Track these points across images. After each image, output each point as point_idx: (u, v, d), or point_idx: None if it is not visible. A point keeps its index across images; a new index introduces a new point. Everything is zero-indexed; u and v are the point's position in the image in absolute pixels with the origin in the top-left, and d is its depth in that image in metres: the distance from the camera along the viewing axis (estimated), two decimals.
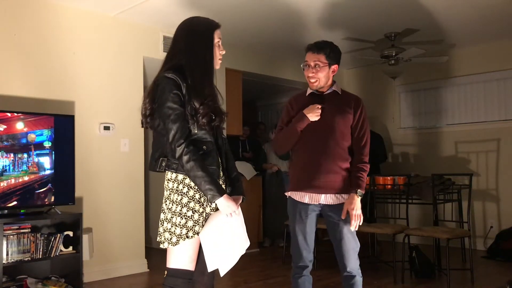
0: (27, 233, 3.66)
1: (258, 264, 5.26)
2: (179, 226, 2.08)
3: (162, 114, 2.04)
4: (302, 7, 4.55)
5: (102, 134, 4.62)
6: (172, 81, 2.04)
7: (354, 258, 2.68)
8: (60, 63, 4.37)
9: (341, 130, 2.69)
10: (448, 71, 6.29)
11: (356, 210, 2.60)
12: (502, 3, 4.50)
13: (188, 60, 2.11)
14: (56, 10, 4.35)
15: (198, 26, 2.16)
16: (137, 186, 4.90)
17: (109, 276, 4.57)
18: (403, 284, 4.30)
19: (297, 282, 2.75)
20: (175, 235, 2.08)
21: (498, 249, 5.39)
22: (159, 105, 2.06)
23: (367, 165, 2.72)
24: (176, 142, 2.00)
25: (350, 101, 2.75)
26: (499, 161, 5.90)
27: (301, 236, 2.72)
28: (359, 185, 2.64)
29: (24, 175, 3.79)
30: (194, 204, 2.09)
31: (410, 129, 6.72)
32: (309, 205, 2.70)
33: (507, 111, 5.85)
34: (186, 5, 4.44)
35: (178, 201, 2.10)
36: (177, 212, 2.09)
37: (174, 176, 2.12)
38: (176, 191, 2.11)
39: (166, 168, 2.13)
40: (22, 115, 3.80)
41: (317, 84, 2.71)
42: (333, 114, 2.69)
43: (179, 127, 2.00)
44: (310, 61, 2.69)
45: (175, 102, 2.02)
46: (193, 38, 2.13)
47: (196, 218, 2.09)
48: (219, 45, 2.17)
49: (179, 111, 2.02)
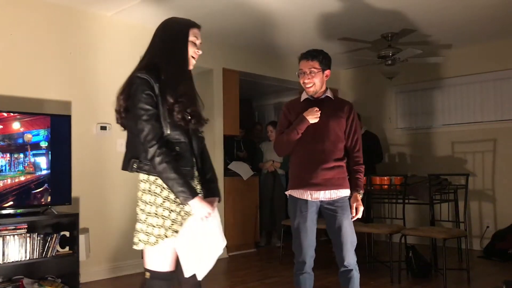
0: (23, 234, 3.65)
1: (255, 264, 5.26)
2: (157, 226, 2.06)
3: (134, 115, 2.02)
4: (299, 7, 4.55)
5: (99, 134, 4.62)
6: (144, 81, 2.02)
7: (352, 252, 2.81)
8: (56, 63, 4.36)
9: (335, 132, 2.88)
10: (444, 72, 6.31)
11: (361, 206, 2.86)
12: (498, 3, 4.52)
13: (162, 58, 2.10)
14: (52, 10, 4.34)
15: (173, 25, 2.18)
16: (134, 186, 4.84)
17: (105, 276, 4.57)
18: (400, 284, 4.31)
19: (298, 279, 2.86)
20: (154, 235, 2.06)
21: (494, 249, 5.41)
22: (131, 106, 2.05)
23: (363, 166, 2.96)
24: (148, 143, 1.98)
25: (343, 107, 2.94)
26: (495, 162, 5.92)
27: (302, 231, 2.85)
28: (359, 186, 2.89)
29: (20, 175, 3.78)
30: (170, 204, 2.07)
31: (407, 129, 6.73)
32: (308, 201, 2.85)
33: (503, 112, 5.87)
34: (183, 5, 4.44)
35: (152, 201, 2.08)
36: (152, 213, 2.07)
37: (146, 177, 2.11)
38: (148, 192, 2.10)
39: (137, 170, 2.12)
40: (19, 115, 3.79)
41: (314, 89, 2.89)
42: (328, 117, 2.88)
43: (151, 128, 1.98)
44: (305, 68, 2.88)
45: (147, 102, 2.00)
46: (168, 37, 2.14)
47: (174, 217, 2.07)
48: (195, 44, 2.15)
49: (151, 111, 2.00)
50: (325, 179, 2.82)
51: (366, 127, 6.30)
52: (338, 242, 2.80)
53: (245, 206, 5.99)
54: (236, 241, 5.77)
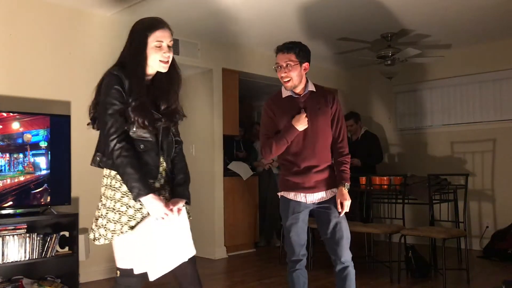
0: (22, 234, 3.65)
1: (255, 264, 5.26)
2: (113, 221, 2.05)
3: (101, 109, 2.07)
4: (298, 7, 4.56)
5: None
6: (115, 77, 2.06)
7: (347, 249, 2.79)
8: (56, 63, 4.36)
9: (324, 130, 2.81)
10: (444, 72, 6.30)
11: (348, 200, 2.74)
12: (497, 4, 4.52)
13: (127, 59, 2.14)
14: (52, 10, 4.34)
15: (136, 28, 2.17)
16: None
17: (105, 276, 4.56)
18: (399, 284, 4.31)
19: (291, 276, 2.84)
20: (110, 230, 2.06)
21: (493, 249, 5.41)
22: (100, 100, 2.10)
23: (349, 156, 2.85)
24: (109, 137, 2.00)
25: (326, 97, 2.85)
26: (495, 161, 5.92)
27: (293, 231, 2.81)
28: (345, 178, 2.79)
29: (20, 175, 3.78)
30: (128, 199, 2.04)
31: (406, 129, 6.73)
32: (301, 203, 2.81)
33: (503, 112, 5.87)
34: (182, 5, 4.44)
35: (112, 196, 2.07)
36: (111, 208, 2.06)
37: (108, 172, 2.11)
38: (110, 187, 2.09)
39: (100, 164, 2.13)
40: (18, 115, 3.79)
41: (291, 84, 2.78)
42: (315, 115, 2.79)
43: (114, 122, 2.00)
44: (281, 61, 2.78)
45: (115, 98, 2.02)
46: (131, 40, 2.16)
47: (131, 213, 2.05)
48: (160, 47, 2.11)
49: (117, 106, 2.02)
50: (318, 181, 2.78)
51: (366, 127, 6.30)
52: (334, 239, 2.76)
53: (244, 206, 5.99)
54: (236, 241, 5.77)
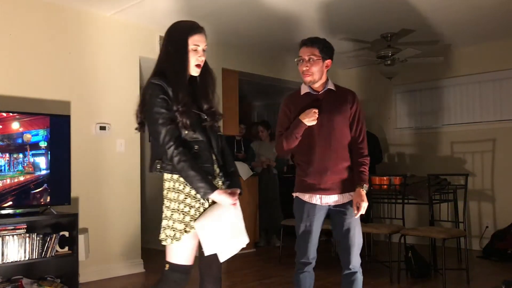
0: (22, 234, 3.65)
1: (255, 264, 5.25)
2: (178, 221, 2.16)
3: (150, 119, 2.15)
4: (298, 8, 4.55)
5: (98, 134, 4.61)
6: (158, 87, 2.13)
7: (357, 255, 2.73)
8: (56, 62, 4.36)
9: (341, 129, 2.73)
10: (443, 72, 6.30)
11: (365, 202, 2.67)
12: (497, 3, 4.52)
13: (166, 65, 2.19)
14: (51, 10, 4.34)
15: (174, 32, 2.23)
16: (133, 186, 4.89)
17: (105, 276, 4.56)
18: (399, 284, 4.31)
19: (298, 277, 2.80)
20: (178, 230, 2.16)
21: (493, 249, 5.41)
22: (147, 111, 2.17)
23: (368, 157, 2.77)
24: (166, 145, 2.09)
25: (346, 97, 2.78)
26: (495, 161, 5.92)
27: (307, 234, 2.75)
28: (363, 180, 2.71)
29: (19, 175, 3.77)
30: (190, 200, 2.17)
31: (406, 130, 6.73)
32: (317, 205, 2.73)
33: (503, 112, 5.87)
34: (182, 5, 4.44)
35: (176, 198, 2.19)
36: (176, 209, 2.18)
37: (169, 176, 2.21)
38: (172, 189, 2.21)
39: (161, 170, 2.22)
40: (18, 115, 3.79)
41: (311, 79, 2.71)
42: (332, 113, 2.72)
43: (167, 130, 2.09)
44: (304, 55, 2.72)
45: (162, 106, 2.11)
46: (169, 45, 2.21)
47: (193, 213, 2.16)
48: (196, 51, 2.20)
49: (166, 114, 2.11)
50: (335, 183, 2.70)
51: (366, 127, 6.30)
52: (346, 245, 2.71)
53: (244, 206, 5.87)
54: None
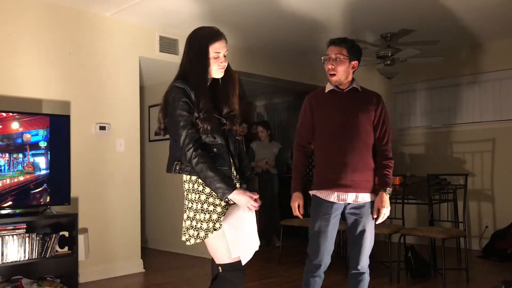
0: (22, 234, 3.65)
1: (254, 264, 5.23)
2: (205, 221, 2.19)
3: (173, 121, 2.20)
4: (298, 8, 4.55)
5: (98, 134, 4.61)
6: (181, 90, 2.18)
7: (367, 257, 2.73)
8: (55, 62, 4.36)
9: (364, 127, 2.70)
10: (443, 72, 6.30)
11: (387, 208, 2.66)
12: (496, 4, 4.52)
13: (189, 71, 2.24)
14: (51, 10, 4.34)
15: (195, 40, 2.27)
16: (133, 186, 4.89)
17: (105, 276, 4.56)
18: (399, 284, 4.31)
19: (309, 281, 2.75)
20: (203, 230, 2.19)
21: (493, 249, 5.41)
22: (170, 113, 2.22)
23: (392, 160, 2.76)
24: (186, 147, 2.14)
25: (371, 98, 2.76)
26: (494, 161, 5.92)
27: (322, 235, 2.71)
28: (387, 183, 2.69)
29: (19, 175, 3.78)
30: (213, 199, 2.20)
31: (406, 130, 6.73)
32: (334, 204, 2.70)
33: (502, 112, 5.87)
34: (182, 5, 4.44)
35: (197, 199, 2.21)
36: (199, 209, 2.20)
37: (188, 177, 2.24)
38: (192, 191, 2.23)
39: (180, 171, 2.24)
40: (18, 115, 3.79)
41: (336, 78, 2.71)
42: (355, 111, 2.70)
43: (188, 132, 2.14)
44: (331, 53, 2.70)
45: (184, 109, 2.16)
46: (190, 52, 2.26)
47: (219, 211, 2.20)
48: (217, 57, 2.26)
49: (188, 117, 2.16)
50: (354, 181, 2.66)
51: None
52: (357, 246, 2.70)
53: None
54: None
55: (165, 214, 6.03)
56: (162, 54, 5.13)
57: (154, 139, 6.26)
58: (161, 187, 6.10)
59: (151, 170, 6.28)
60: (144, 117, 6.13)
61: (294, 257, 5.35)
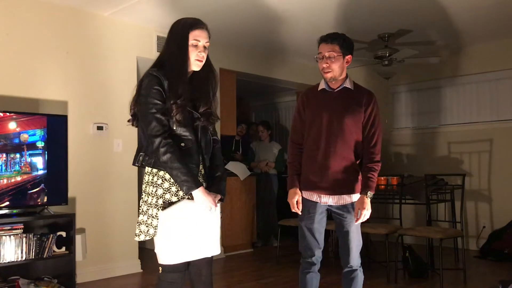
0: (19, 234, 3.64)
1: (252, 264, 5.26)
2: (156, 217, 2.10)
3: (143, 109, 2.11)
4: (295, 8, 4.55)
5: (95, 134, 4.60)
6: (155, 78, 2.11)
7: (356, 255, 2.75)
8: (53, 62, 4.35)
9: (350, 129, 2.68)
10: (441, 72, 6.32)
11: (367, 210, 2.63)
12: (494, 3, 4.53)
13: (167, 59, 2.18)
14: (49, 9, 4.33)
15: (177, 27, 2.23)
16: (131, 187, 4.88)
17: (102, 276, 4.55)
18: (397, 284, 4.32)
19: (305, 278, 2.78)
20: (152, 226, 2.10)
21: (490, 249, 5.42)
22: (140, 101, 2.14)
23: (379, 163, 2.71)
24: (154, 135, 2.05)
25: (361, 97, 2.73)
26: (492, 162, 5.93)
27: (308, 232, 2.75)
28: (369, 186, 2.65)
29: (16, 175, 3.77)
30: (170, 196, 2.11)
31: (404, 130, 6.74)
32: (317, 203, 2.73)
33: (499, 112, 5.89)
34: (179, 5, 4.43)
35: (153, 193, 2.13)
36: (153, 204, 2.12)
37: (149, 169, 2.16)
38: (151, 184, 2.15)
39: (142, 163, 2.17)
40: (15, 115, 3.78)
41: (331, 75, 2.68)
42: (342, 112, 2.68)
43: (158, 120, 2.06)
44: (324, 51, 2.68)
45: (156, 97, 2.08)
46: (171, 39, 2.22)
47: None
48: (196, 46, 2.18)
49: (159, 105, 2.08)
50: (334, 183, 2.67)
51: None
52: (345, 246, 2.74)
53: (242, 206, 5.98)
54: (233, 241, 5.76)
55: None
56: None
57: None
58: None
59: None
60: None
61: (292, 257, 5.34)
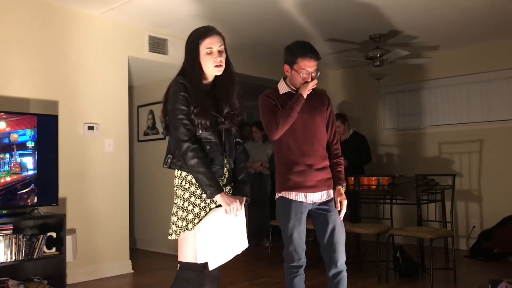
0: (9, 235, 3.61)
1: (244, 264, 5.25)
2: (181, 219, 2.22)
3: (171, 115, 2.23)
4: (286, 8, 4.56)
5: (86, 134, 4.58)
6: (181, 85, 2.22)
7: (343, 252, 2.77)
8: (44, 62, 4.32)
9: (320, 130, 2.81)
10: (432, 73, 6.35)
11: (345, 200, 2.79)
12: (484, 5, 4.56)
13: (186, 69, 2.30)
14: (40, 9, 4.31)
15: (190, 39, 2.34)
16: (122, 187, 4.86)
17: (93, 277, 4.53)
18: (387, 283, 4.33)
19: (293, 282, 2.77)
20: (178, 227, 2.22)
21: (480, 248, 5.46)
22: (169, 106, 2.24)
23: (342, 157, 2.90)
24: (181, 140, 2.16)
25: (323, 98, 2.88)
26: (482, 162, 5.97)
27: (297, 234, 2.74)
28: (342, 179, 2.83)
29: (6, 175, 3.74)
30: (195, 199, 2.22)
31: (395, 130, 6.77)
32: (303, 203, 2.75)
33: (490, 113, 5.93)
34: (172, 5, 4.42)
35: (181, 196, 2.24)
36: (180, 206, 2.24)
37: (179, 173, 2.27)
38: (180, 187, 2.26)
39: (171, 165, 2.27)
40: (5, 115, 3.75)
41: None
42: (312, 113, 2.79)
43: (184, 125, 2.18)
44: (311, 68, 2.72)
45: (182, 103, 2.20)
46: (187, 51, 2.32)
47: (197, 211, 2.21)
48: (211, 53, 2.28)
49: (185, 111, 2.19)
50: (318, 181, 2.74)
51: (355, 128, 6.32)
52: (332, 243, 2.72)
53: None
54: None
55: (153, 214, 6.00)
56: (151, 54, 5.11)
57: (143, 139, 6.23)
58: (150, 187, 6.08)
59: (140, 171, 6.25)
60: (133, 117, 6.10)
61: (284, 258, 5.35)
